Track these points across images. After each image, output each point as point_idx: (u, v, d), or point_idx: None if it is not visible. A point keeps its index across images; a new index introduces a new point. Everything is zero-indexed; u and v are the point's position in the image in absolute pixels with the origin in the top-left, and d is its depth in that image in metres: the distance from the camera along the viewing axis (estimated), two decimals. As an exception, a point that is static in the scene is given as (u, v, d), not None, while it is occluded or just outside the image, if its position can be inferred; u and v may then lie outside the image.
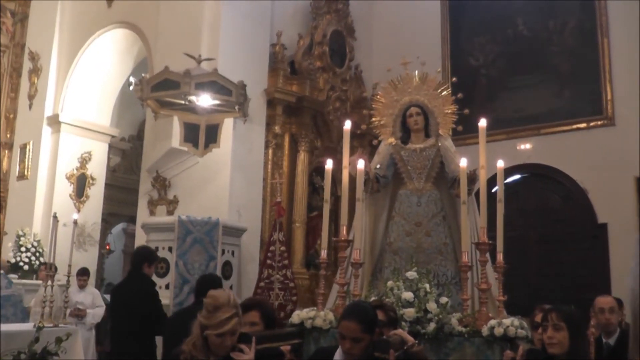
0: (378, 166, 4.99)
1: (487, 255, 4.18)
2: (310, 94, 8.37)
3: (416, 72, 5.13)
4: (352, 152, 4.85)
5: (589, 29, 8.48)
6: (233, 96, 6.75)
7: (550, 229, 8.38)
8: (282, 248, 7.02)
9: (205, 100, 6.73)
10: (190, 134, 7.10)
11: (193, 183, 7.55)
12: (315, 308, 4.34)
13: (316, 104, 8.45)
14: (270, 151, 8.01)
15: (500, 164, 4.32)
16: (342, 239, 4.33)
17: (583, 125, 8.36)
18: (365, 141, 8.16)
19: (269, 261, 6.95)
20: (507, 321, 3.88)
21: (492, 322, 3.90)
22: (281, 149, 8.16)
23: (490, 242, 4.07)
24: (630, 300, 2.42)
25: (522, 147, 8.70)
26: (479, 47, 9.30)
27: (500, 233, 4.01)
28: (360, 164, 4.45)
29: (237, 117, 7.20)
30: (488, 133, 4.40)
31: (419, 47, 8.69)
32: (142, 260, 5.10)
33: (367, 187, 4.84)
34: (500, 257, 3.98)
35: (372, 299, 3.99)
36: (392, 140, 5.12)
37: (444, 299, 4.08)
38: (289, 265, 7.02)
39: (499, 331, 3.84)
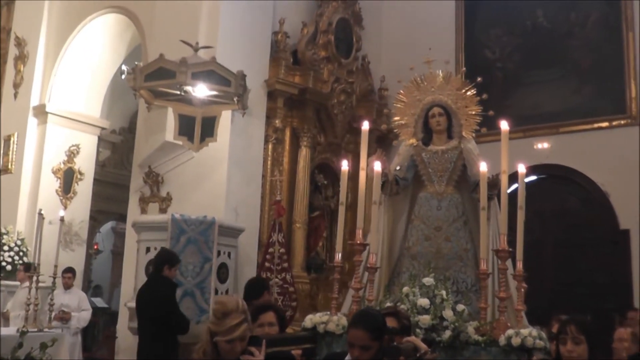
0: (398, 168, 5.09)
1: (508, 262, 4.22)
2: (314, 86, 8.33)
3: (440, 71, 5.18)
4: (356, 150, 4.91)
5: (613, 22, 8.43)
6: (232, 87, 6.71)
7: (568, 233, 8.34)
8: (282, 250, 7.05)
9: (202, 90, 6.70)
10: (186, 126, 7.06)
11: (188, 179, 7.53)
12: (328, 312, 4.45)
13: (320, 97, 8.42)
14: (270, 146, 7.98)
15: (522, 169, 4.37)
16: (358, 242, 4.39)
17: (605, 124, 8.33)
18: (372, 137, 8.12)
19: (267, 264, 6.98)
20: (525, 331, 3.95)
21: (510, 331, 3.97)
22: (282, 144, 8.13)
23: (510, 249, 4.11)
24: None
25: (540, 146, 8.66)
26: (495, 39, 9.26)
27: (520, 240, 4.07)
28: (378, 165, 4.51)
29: (236, 110, 7.17)
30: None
31: (431, 38, 8.72)
32: (163, 263, 5.44)
33: (386, 189, 4.91)
34: (520, 265, 4.03)
35: (387, 304, 4.04)
36: (413, 141, 5.21)
37: (460, 307, 4.12)
38: (288, 269, 7.04)
39: (516, 341, 3.90)
